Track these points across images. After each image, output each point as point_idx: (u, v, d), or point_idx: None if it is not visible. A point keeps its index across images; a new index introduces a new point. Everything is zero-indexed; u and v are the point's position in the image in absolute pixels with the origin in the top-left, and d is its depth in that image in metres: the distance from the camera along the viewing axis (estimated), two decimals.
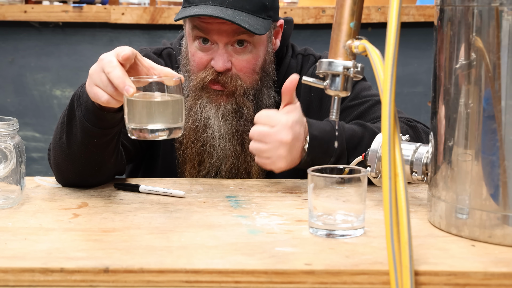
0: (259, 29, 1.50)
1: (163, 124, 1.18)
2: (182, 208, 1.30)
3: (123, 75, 1.17)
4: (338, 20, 1.15)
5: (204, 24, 1.53)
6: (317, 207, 1.13)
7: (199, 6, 1.51)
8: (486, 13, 1.06)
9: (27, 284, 0.99)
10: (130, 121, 1.18)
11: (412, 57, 2.79)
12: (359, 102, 1.62)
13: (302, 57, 1.72)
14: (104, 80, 1.20)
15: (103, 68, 1.20)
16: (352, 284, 0.99)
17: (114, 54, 1.21)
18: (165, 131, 1.18)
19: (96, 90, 1.22)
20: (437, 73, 1.16)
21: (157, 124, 1.17)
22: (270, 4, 1.55)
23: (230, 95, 1.57)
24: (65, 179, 1.44)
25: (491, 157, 1.07)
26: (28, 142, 2.82)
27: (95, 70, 1.22)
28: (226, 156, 1.60)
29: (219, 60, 1.54)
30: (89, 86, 1.24)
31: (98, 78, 1.21)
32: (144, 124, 1.18)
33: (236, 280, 0.99)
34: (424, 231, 1.16)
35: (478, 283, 0.98)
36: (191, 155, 1.62)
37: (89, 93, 1.25)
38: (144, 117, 1.17)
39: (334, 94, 1.17)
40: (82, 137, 1.34)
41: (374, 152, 1.29)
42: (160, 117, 1.18)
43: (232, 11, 1.49)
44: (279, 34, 1.65)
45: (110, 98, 1.21)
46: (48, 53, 2.82)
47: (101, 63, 1.21)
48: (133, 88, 1.15)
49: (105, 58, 1.21)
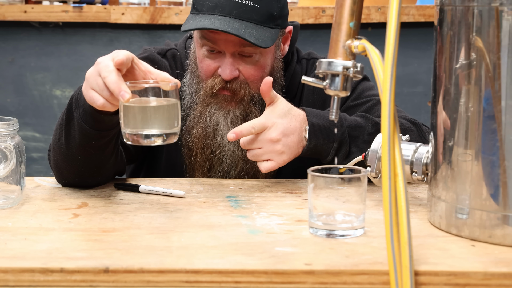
0: (265, 41, 1.50)
1: (158, 130, 1.17)
2: (182, 208, 1.30)
3: (118, 80, 1.16)
4: (338, 20, 1.15)
5: (211, 34, 1.52)
6: (317, 207, 1.13)
7: (207, 16, 1.50)
8: (486, 13, 1.06)
9: (27, 284, 0.99)
10: (126, 126, 1.18)
11: (412, 57, 2.79)
12: (361, 102, 1.62)
13: (306, 62, 1.72)
14: (100, 84, 1.19)
15: (100, 72, 1.19)
16: (352, 284, 0.99)
17: (110, 58, 1.20)
18: (160, 136, 1.17)
19: (92, 93, 1.21)
20: (437, 73, 1.16)
21: (152, 130, 1.17)
22: (278, 13, 1.54)
23: (238, 101, 1.58)
24: (64, 180, 1.44)
25: (491, 157, 1.07)
26: (28, 142, 2.82)
27: (92, 73, 1.22)
28: (235, 162, 1.61)
29: (226, 69, 1.54)
30: (85, 89, 1.24)
31: (94, 81, 1.21)
32: (140, 129, 1.17)
33: (236, 280, 0.99)
34: (424, 231, 1.16)
35: (478, 283, 0.98)
36: (201, 161, 1.62)
37: (85, 96, 1.24)
38: (139, 122, 1.17)
39: (333, 94, 1.17)
40: (80, 138, 1.34)
41: (374, 152, 1.29)
42: (155, 122, 1.17)
43: (239, 23, 1.49)
44: (288, 39, 1.65)
45: (106, 102, 1.20)
46: (48, 53, 2.82)
47: (97, 66, 1.21)
48: (129, 94, 1.15)
49: (102, 62, 1.20)
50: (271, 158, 1.43)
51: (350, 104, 1.63)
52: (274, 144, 1.42)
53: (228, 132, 1.46)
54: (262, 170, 1.43)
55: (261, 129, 1.42)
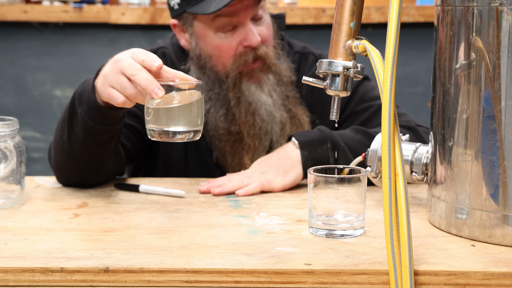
0: None
1: (185, 127, 1.17)
2: (182, 208, 1.30)
3: (150, 77, 1.14)
4: (338, 20, 1.15)
5: (229, 8, 1.54)
6: (317, 207, 1.13)
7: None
8: (486, 13, 1.06)
9: (27, 284, 0.99)
10: (152, 124, 1.17)
11: (412, 57, 2.79)
12: (365, 107, 1.63)
13: (300, 56, 1.72)
14: (122, 82, 1.17)
15: (123, 71, 1.17)
16: (352, 284, 0.99)
17: (130, 56, 1.18)
18: (187, 133, 1.18)
19: (112, 91, 1.20)
20: (437, 73, 1.16)
21: (178, 127, 1.17)
22: None
23: (267, 67, 1.61)
24: (65, 179, 1.44)
25: (491, 157, 1.07)
26: (28, 142, 2.82)
27: (112, 71, 1.19)
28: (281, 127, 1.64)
29: (252, 35, 1.57)
30: (102, 86, 1.22)
31: (115, 79, 1.18)
32: (165, 126, 1.17)
33: (236, 280, 0.99)
34: (424, 231, 1.16)
35: (478, 283, 0.98)
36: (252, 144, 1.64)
37: (102, 93, 1.23)
38: (167, 120, 1.16)
39: (334, 94, 1.17)
40: (83, 135, 1.34)
41: (374, 152, 1.29)
42: (181, 120, 1.17)
43: None
44: None
45: (127, 100, 1.19)
46: (48, 53, 2.82)
47: (118, 64, 1.18)
48: (162, 91, 1.12)
49: (123, 60, 1.18)
50: (268, 172, 1.44)
51: (354, 109, 1.63)
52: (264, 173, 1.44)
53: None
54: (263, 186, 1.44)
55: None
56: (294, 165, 1.44)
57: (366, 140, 1.45)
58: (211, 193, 1.40)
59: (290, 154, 1.45)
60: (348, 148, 1.45)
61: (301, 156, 1.44)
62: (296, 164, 1.44)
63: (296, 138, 1.46)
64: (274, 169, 1.43)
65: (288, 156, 1.45)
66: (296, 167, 1.44)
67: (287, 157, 1.45)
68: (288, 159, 1.44)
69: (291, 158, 1.44)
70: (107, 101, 1.23)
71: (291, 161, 1.44)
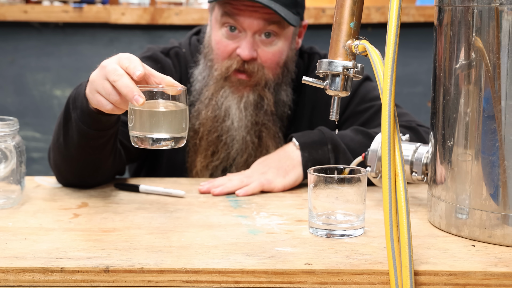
0: (292, 20, 1.52)
1: (167, 134, 1.16)
2: (182, 208, 1.30)
3: (131, 83, 1.13)
4: (338, 20, 1.15)
5: (236, 10, 1.52)
6: (317, 207, 1.13)
7: None
8: (486, 13, 1.06)
9: (27, 284, 0.99)
10: (134, 130, 1.16)
11: (412, 57, 2.79)
12: (365, 108, 1.63)
13: (308, 56, 1.73)
14: (107, 88, 1.17)
15: (107, 76, 1.16)
16: (352, 284, 0.99)
17: (116, 62, 1.17)
18: (170, 140, 1.17)
19: (99, 98, 1.19)
20: (437, 73, 1.16)
21: (161, 134, 1.16)
22: (301, 1, 1.57)
23: (253, 86, 1.57)
24: (64, 180, 1.45)
25: (491, 157, 1.07)
26: (28, 142, 2.81)
27: (98, 76, 1.19)
28: (243, 148, 1.61)
29: (246, 48, 1.54)
30: (90, 93, 1.22)
31: (100, 85, 1.18)
32: (148, 133, 1.16)
33: (236, 280, 0.99)
34: (424, 231, 1.16)
35: (478, 283, 0.98)
36: (205, 145, 1.61)
37: (91, 100, 1.23)
38: (149, 126, 1.15)
39: (334, 94, 1.17)
40: (78, 139, 1.34)
41: (374, 152, 1.29)
42: (164, 127, 1.16)
43: (267, 0, 1.50)
44: (302, 34, 1.67)
45: (114, 107, 1.18)
46: (48, 53, 2.82)
47: (103, 70, 1.17)
48: (143, 98, 1.12)
49: (108, 65, 1.17)
50: (268, 172, 1.44)
51: (355, 110, 1.63)
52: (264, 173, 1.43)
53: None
54: (264, 185, 1.43)
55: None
56: (295, 166, 1.44)
57: (366, 141, 1.45)
58: (211, 193, 1.40)
59: (290, 155, 1.45)
60: (348, 150, 1.45)
61: (302, 157, 1.44)
62: (296, 165, 1.44)
63: (296, 139, 1.46)
64: (274, 170, 1.43)
65: (289, 157, 1.45)
66: (296, 168, 1.44)
67: (287, 157, 1.45)
68: (288, 160, 1.44)
69: (291, 159, 1.44)
70: (97, 107, 1.22)
71: (291, 162, 1.44)
